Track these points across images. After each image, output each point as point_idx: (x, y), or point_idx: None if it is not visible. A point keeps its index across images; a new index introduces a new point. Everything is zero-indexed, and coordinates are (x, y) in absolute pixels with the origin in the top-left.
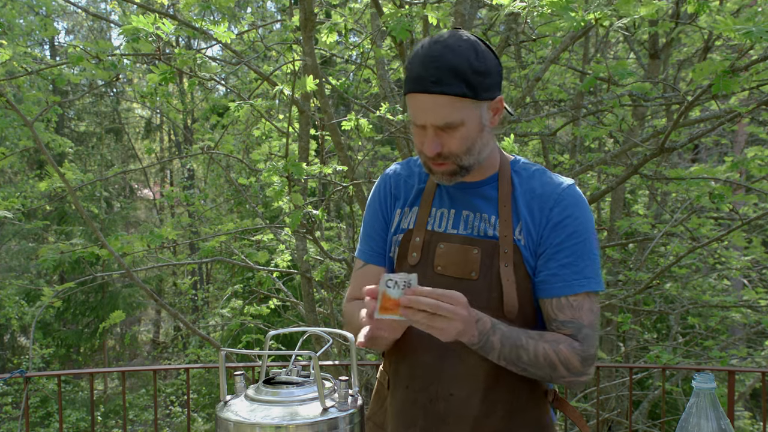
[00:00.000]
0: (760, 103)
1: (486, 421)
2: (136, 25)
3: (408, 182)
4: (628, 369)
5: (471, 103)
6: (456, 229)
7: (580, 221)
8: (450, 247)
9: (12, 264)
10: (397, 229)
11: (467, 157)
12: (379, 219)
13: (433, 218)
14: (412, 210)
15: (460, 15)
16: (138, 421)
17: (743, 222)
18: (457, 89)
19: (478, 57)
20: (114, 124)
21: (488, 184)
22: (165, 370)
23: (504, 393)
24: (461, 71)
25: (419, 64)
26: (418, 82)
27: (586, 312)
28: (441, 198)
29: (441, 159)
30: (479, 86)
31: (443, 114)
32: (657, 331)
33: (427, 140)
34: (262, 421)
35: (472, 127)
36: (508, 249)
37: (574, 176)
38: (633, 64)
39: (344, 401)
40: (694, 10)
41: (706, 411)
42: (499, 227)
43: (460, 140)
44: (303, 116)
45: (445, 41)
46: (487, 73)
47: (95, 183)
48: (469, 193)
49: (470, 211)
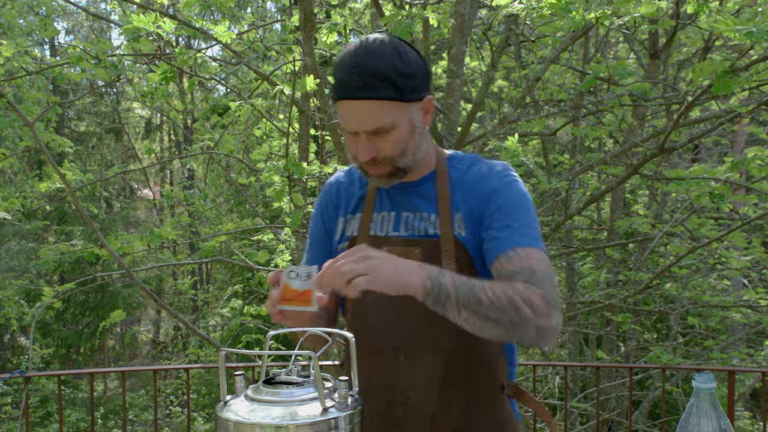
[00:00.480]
0: (760, 103)
1: (443, 419)
2: (136, 25)
3: (349, 190)
4: (628, 369)
5: (400, 106)
6: (397, 231)
7: (514, 191)
8: (392, 250)
9: (12, 264)
10: (342, 237)
11: (402, 159)
12: (321, 227)
13: (375, 223)
14: (355, 217)
15: (460, 15)
16: (138, 422)
17: (743, 222)
18: (383, 93)
19: (402, 59)
20: (114, 124)
21: (426, 182)
22: (165, 370)
23: (459, 390)
24: (386, 75)
25: (344, 71)
26: (344, 88)
27: (536, 261)
28: (381, 201)
29: (376, 163)
30: (406, 88)
31: (373, 119)
32: (657, 331)
33: (360, 146)
34: (262, 421)
35: (403, 129)
36: (450, 246)
37: (574, 176)
38: (633, 64)
39: (344, 401)
40: (694, 10)
41: (706, 411)
42: (439, 225)
43: (394, 143)
44: (303, 116)
45: (368, 46)
46: (412, 75)
47: (95, 183)
48: (407, 193)
49: (410, 211)
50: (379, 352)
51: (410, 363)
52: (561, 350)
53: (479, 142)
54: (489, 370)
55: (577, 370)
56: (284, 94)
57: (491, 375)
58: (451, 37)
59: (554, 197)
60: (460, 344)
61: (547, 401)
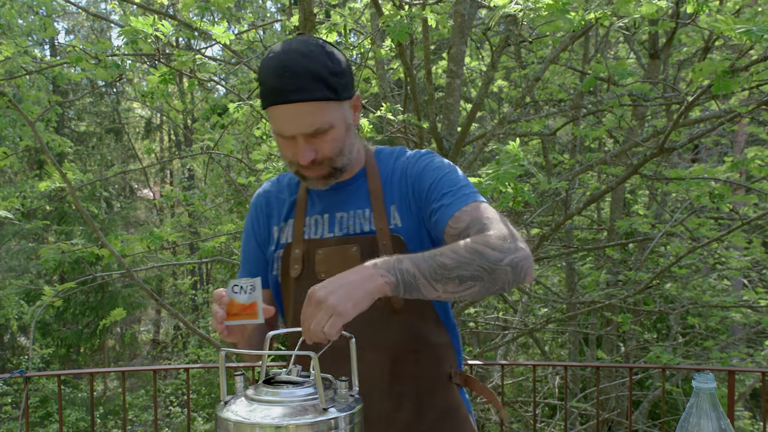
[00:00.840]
0: (760, 103)
1: (396, 415)
2: (135, 27)
3: (279, 198)
4: (628, 369)
5: (335, 105)
6: (332, 232)
7: (438, 163)
8: (328, 251)
9: (12, 264)
10: (277, 245)
11: (340, 158)
12: (252, 241)
13: (309, 227)
14: (288, 223)
15: (459, 15)
16: (137, 422)
17: (743, 222)
18: (320, 94)
19: (332, 59)
20: (114, 124)
21: (357, 180)
22: (165, 370)
23: (407, 384)
24: (320, 75)
25: (275, 76)
26: (279, 93)
27: (482, 210)
28: (313, 205)
29: (315, 165)
30: (339, 87)
31: (311, 121)
32: (657, 331)
33: (299, 150)
34: (262, 421)
35: (340, 128)
36: (387, 241)
37: (573, 176)
38: (633, 64)
39: (344, 401)
40: (694, 9)
41: (706, 411)
42: (374, 220)
43: (332, 143)
44: None
45: (296, 49)
46: (342, 73)
47: (95, 183)
48: (339, 193)
49: (343, 211)
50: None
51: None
52: (561, 350)
53: (479, 142)
54: (436, 361)
55: (577, 370)
56: None
57: (438, 366)
58: (451, 37)
59: (554, 197)
60: (404, 340)
61: (547, 401)
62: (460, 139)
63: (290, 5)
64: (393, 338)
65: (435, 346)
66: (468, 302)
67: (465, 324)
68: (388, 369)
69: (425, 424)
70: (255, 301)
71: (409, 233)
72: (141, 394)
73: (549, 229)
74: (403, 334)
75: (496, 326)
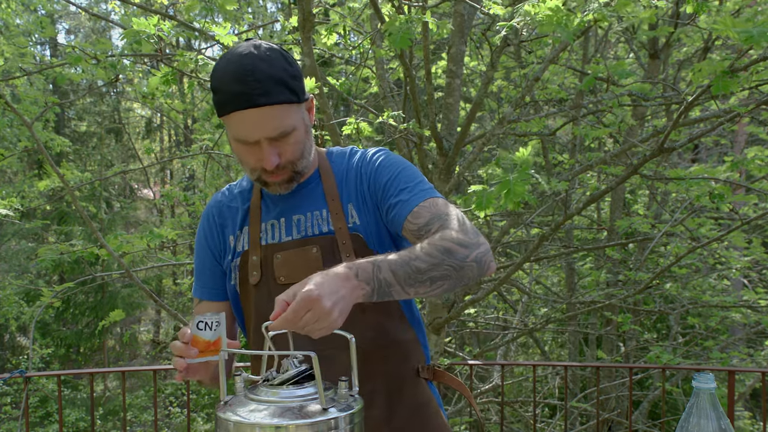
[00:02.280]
0: (759, 103)
1: (369, 413)
2: (137, 28)
3: (231, 206)
4: (628, 369)
5: (296, 108)
6: (290, 236)
7: (393, 160)
8: (287, 254)
9: (12, 264)
10: (234, 254)
11: (301, 161)
12: (207, 253)
13: (265, 232)
14: (243, 231)
15: (459, 15)
16: (137, 422)
17: (743, 222)
18: (283, 97)
19: (289, 62)
20: (114, 124)
21: (312, 182)
22: (165, 370)
23: (378, 382)
24: (281, 79)
25: (236, 81)
26: (243, 98)
27: (441, 206)
28: (268, 211)
29: (278, 170)
30: (299, 90)
31: (275, 124)
32: (657, 331)
33: (264, 154)
34: (262, 421)
35: (301, 130)
36: (346, 240)
37: (573, 176)
38: (633, 64)
39: (344, 401)
40: (693, 10)
41: (706, 411)
42: (332, 220)
43: (294, 146)
44: None
45: (253, 54)
46: (300, 76)
47: (94, 182)
48: (294, 196)
49: (300, 213)
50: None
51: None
52: (561, 350)
53: (479, 142)
54: (403, 357)
55: (577, 370)
56: None
57: (406, 362)
58: (451, 37)
59: (554, 197)
60: (373, 338)
61: (547, 401)
62: (460, 139)
63: (289, 5)
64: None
65: (402, 342)
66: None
67: (465, 324)
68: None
69: (397, 421)
70: (219, 336)
71: (368, 230)
72: (140, 395)
73: (549, 229)
74: (372, 333)
75: (496, 326)
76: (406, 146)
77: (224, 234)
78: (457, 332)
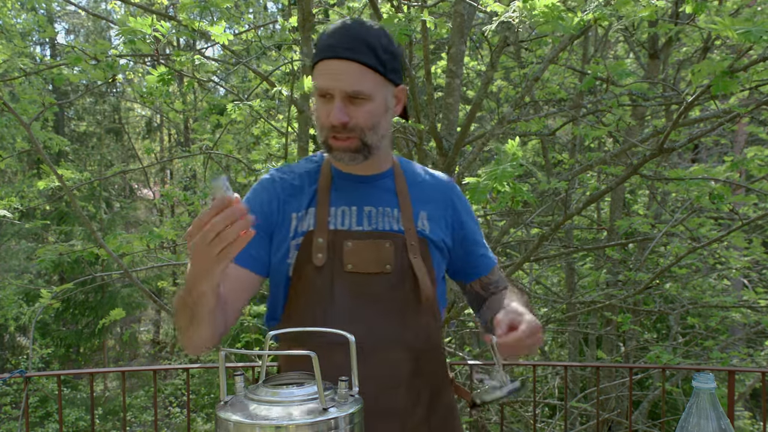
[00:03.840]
0: (759, 103)
1: (413, 410)
2: (133, 27)
3: (295, 185)
4: (628, 369)
5: (380, 79)
6: (360, 225)
7: (469, 206)
8: (359, 244)
9: (11, 264)
10: (296, 233)
11: (371, 134)
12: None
13: (334, 216)
14: (308, 212)
15: (459, 15)
16: (137, 422)
17: (743, 222)
18: (368, 59)
19: (388, 39)
20: (114, 124)
21: (385, 177)
22: (165, 370)
23: (425, 382)
24: (373, 45)
25: (330, 35)
26: (330, 49)
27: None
28: (339, 196)
29: (346, 132)
30: (388, 64)
31: (353, 81)
32: (657, 331)
33: (334, 109)
34: (262, 421)
35: (378, 103)
36: (415, 241)
37: (573, 176)
38: (633, 64)
39: (344, 401)
40: (693, 9)
41: (706, 411)
42: (402, 220)
43: (368, 113)
44: (302, 116)
45: (359, 21)
46: (395, 55)
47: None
48: (366, 187)
49: (371, 206)
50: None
51: (376, 359)
52: (561, 350)
53: (479, 142)
54: (443, 361)
55: (577, 370)
56: (282, 95)
57: (444, 366)
58: (451, 37)
59: (554, 197)
60: (423, 338)
61: (547, 401)
62: (460, 139)
63: (289, 5)
64: (416, 337)
65: (440, 346)
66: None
67: (465, 324)
68: (410, 366)
69: (435, 420)
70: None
71: (435, 243)
72: (140, 395)
73: (549, 229)
74: (424, 334)
75: None
76: (406, 146)
77: (286, 209)
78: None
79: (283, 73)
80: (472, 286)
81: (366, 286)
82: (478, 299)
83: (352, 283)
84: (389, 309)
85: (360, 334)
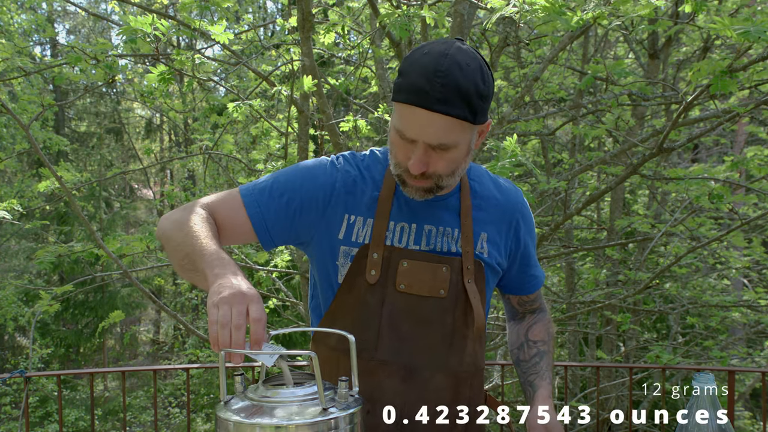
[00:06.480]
0: (759, 102)
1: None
2: (133, 26)
3: (357, 183)
4: (628, 369)
5: (468, 128)
6: (418, 245)
7: (533, 223)
8: (415, 264)
9: (11, 264)
10: (350, 241)
11: (449, 179)
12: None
13: (392, 232)
14: (366, 222)
15: (459, 15)
16: (136, 422)
17: (743, 222)
18: (460, 112)
19: (484, 80)
20: (114, 124)
21: (451, 196)
22: (165, 370)
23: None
24: (468, 94)
25: (423, 77)
26: (422, 96)
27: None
28: (400, 210)
29: (422, 177)
30: (479, 111)
31: (440, 135)
32: (657, 331)
33: (415, 157)
34: (262, 421)
35: (462, 150)
36: (471, 265)
37: (573, 176)
38: (632, 64)
39: (344, 401)
40: (692, 9)
41: (706, 411)
42: (461, 242)
43: (448, 162)
44: (302, 116)
45: (454, 57)
46: (488, 97)
47: (93, 183)
48: (429, 204)
49: (432, 225)
50: (388, 366)
51: (419, 382)
52: (561, 350)
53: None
54: (481, 385)
55: (577, 370)
56: (283, 95)
57: (482, 389)
58: (451, 37)
59: (554, 197)
60: (468, 364)
61: None
62: None
63: (289, 5)
64: (461, 362)
65: (482, 370)
66: None
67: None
68: (452, 391)
69: None
70: None
71: (490, 266)
72: (140, 395)
73: (549, 228)
74: (470, 359)
75: (496, 326)
76: None
77: (338, 205)
78: None
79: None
80: (510, 299)
81: (417, 308)
82: (511, 311)
83: (404, 303)
84: (438, 333)
85: (406, 356)
